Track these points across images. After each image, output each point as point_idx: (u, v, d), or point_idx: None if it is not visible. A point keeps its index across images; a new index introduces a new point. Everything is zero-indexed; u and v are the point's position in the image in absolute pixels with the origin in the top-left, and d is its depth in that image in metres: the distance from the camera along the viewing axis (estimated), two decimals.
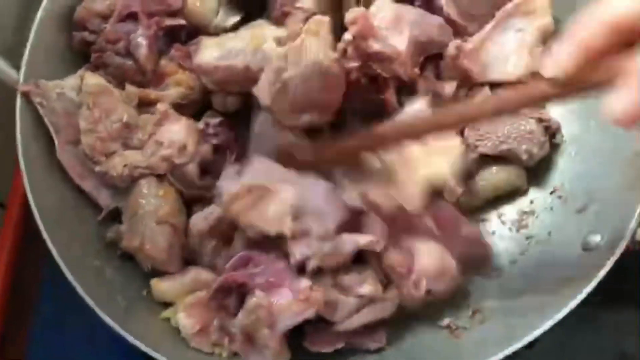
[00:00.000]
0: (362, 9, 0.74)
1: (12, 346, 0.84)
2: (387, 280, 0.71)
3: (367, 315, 0.69)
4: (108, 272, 0.74)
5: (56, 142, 0.75)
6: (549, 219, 0.78)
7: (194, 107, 0.82)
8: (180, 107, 0.81)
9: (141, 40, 0.79)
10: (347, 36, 0.72)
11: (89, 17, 0.79)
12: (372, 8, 0.76)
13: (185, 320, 0.71)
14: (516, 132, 0.77)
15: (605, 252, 0.68)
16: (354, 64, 0.73)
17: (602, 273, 0.66)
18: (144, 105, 0.80)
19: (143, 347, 0.66)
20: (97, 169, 0.75)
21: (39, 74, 0.76)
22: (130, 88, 0.78)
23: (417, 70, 0.77)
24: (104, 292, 0.71)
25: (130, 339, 0.67)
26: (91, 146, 0.75)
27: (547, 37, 0.81)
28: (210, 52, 0.77)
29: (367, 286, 0.69)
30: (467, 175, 0.78)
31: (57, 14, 0.79)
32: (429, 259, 0.69)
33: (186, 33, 0.83)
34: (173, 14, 0.82)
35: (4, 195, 0.90)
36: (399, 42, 0.75)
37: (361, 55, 0.73)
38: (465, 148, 0.77)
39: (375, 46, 0.73)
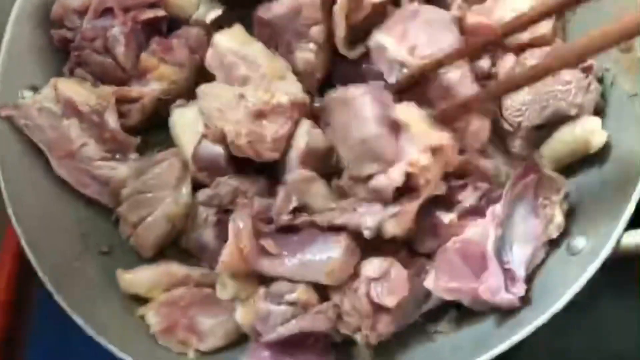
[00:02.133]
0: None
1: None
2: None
3: (295, 325, 0.66)
4: (88, 272, 0.75)
5: (51, 158, 0.77)
6: None
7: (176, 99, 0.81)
8: (164, 103, 0.80)
9: (118, 37, 0.78)
10: None
11: (65, 14, 0.79)
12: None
13: (152, 317, 0.71)
14: (554, 90, 0.70)
15: (589, 257, 0.62)
16: None
17: (584, 280, 0.61)
18: (127, 102, 0.80)
19: (109, 346, 0.68)
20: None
21: (16, 74, 0.77)
22: (104, 89, 0.78)
23: None
24: (82, 292, 0.72)
25: (100, 339, 0.68)
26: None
27: None
28: None
29: (298, 294, 0.66)
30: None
31: (33, 10, 0.79)
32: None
33: (167, 24, 0.82)
34: (152, 5, 0.81)
35: None
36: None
37: None
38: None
39: None
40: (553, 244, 0.67)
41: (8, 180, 0.74)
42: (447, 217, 0.67)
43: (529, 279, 0.66)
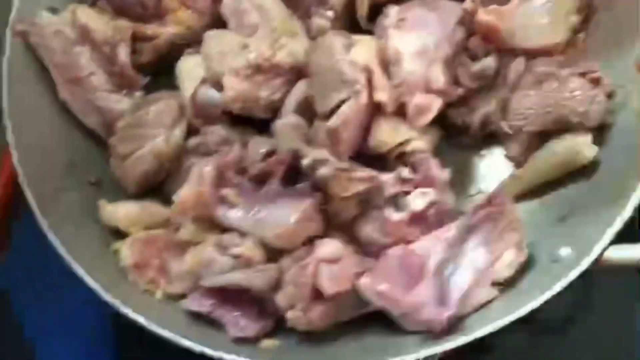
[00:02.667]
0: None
1: None
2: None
3: (230, 277, 0.65)
4: (70, 195, 0.75)
5: (57, 81, 0.77)
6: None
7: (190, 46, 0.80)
8: (176, 47, 0.80)
9: None
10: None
11: None
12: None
13: (125, 250, 0.71)
14: (559, 96, 0.69)
15: (570, 265, 0.61)
16: None
17: (561, 285, 0.60)
18: (142, 40, 0.80)
19: (79, 270, 0.67)
20: None
21: None
22: (121, 22, 0.78)
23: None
24: (63, 216, 0.72)
25: (69, 259, 0.68)
26: None
27: (583, 5, 0.73)
28: None
29: (244, 248, 0.66)
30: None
31: None
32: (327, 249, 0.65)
33: None
34: None
35: None
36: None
37: None
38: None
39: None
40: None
41: (12, 95, 0.75)
42: (396, 215, 0.66)
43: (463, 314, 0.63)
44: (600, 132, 0.69)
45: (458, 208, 0.69)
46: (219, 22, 0.79)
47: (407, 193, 0.67)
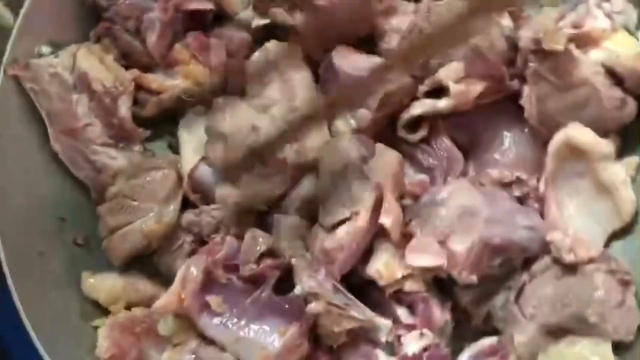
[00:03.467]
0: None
1: None
2: None
3: None
4: (53, 262, 0.70)
5: (50, 131, 0.71)
6: None
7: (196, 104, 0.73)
8: (181, 102, 0.73)
9: (154, 24, 0.71)
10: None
11: None
12: (443, 192, 0.63)
13: (102, 339, 0.67)
14: (579, 292, 0.61)
15: None
16: None
17: None
18: (144, 89, 0.73)
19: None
20: None
21: (38, 25, 0.70)
22: (123, 73, 0.72)
23: (474, 277, 0.62)
24: (39, 284, 0.68)
25: (39, 347, 0.64)
26: None
27: None
28: None
29: None
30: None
31: None
32: None
33: (213, 17, 0.74)
34: None
35: None
36: (458, 243, 0.62)
37: None
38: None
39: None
40: None
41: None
42: None
43: None
44: None
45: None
46: (231, 83, 0.72)
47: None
